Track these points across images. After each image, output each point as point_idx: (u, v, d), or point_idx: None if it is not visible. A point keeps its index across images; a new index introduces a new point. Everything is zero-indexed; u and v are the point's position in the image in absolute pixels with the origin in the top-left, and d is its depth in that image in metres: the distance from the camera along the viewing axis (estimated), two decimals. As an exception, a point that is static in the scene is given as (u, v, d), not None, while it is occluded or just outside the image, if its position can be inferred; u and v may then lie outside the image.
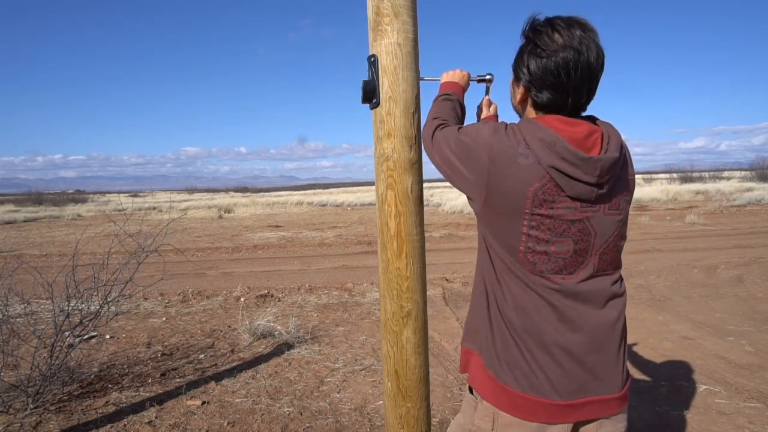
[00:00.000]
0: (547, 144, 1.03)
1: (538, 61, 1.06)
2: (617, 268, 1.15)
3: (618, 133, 1.12)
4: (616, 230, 1.11)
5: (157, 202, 35.86)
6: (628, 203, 1.13)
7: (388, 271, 1.45)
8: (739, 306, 5.16)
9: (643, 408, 3.00)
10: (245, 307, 5.60)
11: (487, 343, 1.18)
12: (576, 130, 1.06)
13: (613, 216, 1.09)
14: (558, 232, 1.06)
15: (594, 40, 1.05)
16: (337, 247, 11.10)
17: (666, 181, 36.70)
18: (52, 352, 3.15)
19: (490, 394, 1.17)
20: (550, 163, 1.02)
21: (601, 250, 1.10)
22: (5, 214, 23.58)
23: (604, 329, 1.11)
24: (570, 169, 1.02)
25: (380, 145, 1.42)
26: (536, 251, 1.07)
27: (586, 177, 1.03)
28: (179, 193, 74.64)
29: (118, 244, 3.52)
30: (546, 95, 1.08)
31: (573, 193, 1.04)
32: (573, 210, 1.05)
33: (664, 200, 22.02)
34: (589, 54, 1.04)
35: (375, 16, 1.37)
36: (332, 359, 3.92)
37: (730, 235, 10.55)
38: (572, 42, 1.04)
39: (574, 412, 1.10)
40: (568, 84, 1.05)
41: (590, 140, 1.06)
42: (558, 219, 1.05)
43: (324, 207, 27.55)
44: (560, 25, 1.05)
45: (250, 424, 2.90)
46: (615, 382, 1.13)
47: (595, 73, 1.07)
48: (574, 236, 1.07)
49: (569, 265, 1.08)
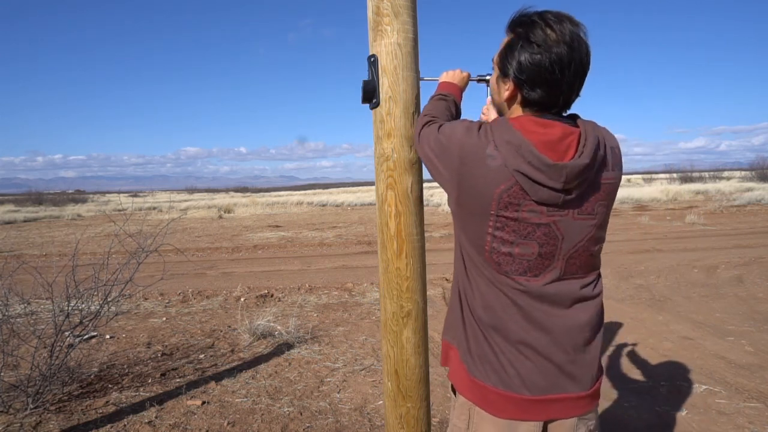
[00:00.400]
0: (514, 147, 1.01)
1: (533, 56, 1.03)
2: (590, 271, 1.14)
3: (600, 133, 1.08)
4: (587, 235, 1.09)
5: (157, 202, 35.86)
6: (604, 207, 1.10)
7: (388, 271, 1.45)
8: (739, 306, 5.16)
9: (643, 408, 3.01)
10: (245, 307, 5.60)
11: (461, 338, 1.20)
12: (549, 133, 1.03)
13: (584, 221, 1.07)
14: (522, 234, 1.05)
15: (583, 35, 1.04)
16: (337, 247, 11.10)
17: (666, 181, 36.70)
18: (52, 352, 3.15)
19: (465, 388, 1.19)
20: (515, 166, 1.01)
21: (569, 254, 1.08)
22: (5, 214, 23.58)
23: (572, 331, 1.10)
24: (535, 174, 1.00)
25: (380, 145, 1.42)
26: (501, 252, 1.07)
27: (551, 183, 1.01)
28: (179, 193, 74.65)
29: (118, 244, 3.52)
30: (539, 92, 1.05)
31: (538, 198, 1.02)
32: (539, 214, 1.04)
33: (664, 200, 22.02)
34: (581, 50, 1.03)
35: (375, 16, 1.37)
36: (332, 359, 3.92)
37: (730, 235, 10.54)
38: (564, 37, 1.01)
39: (544, 409, 1.10)
40: (562, 80, 1.03)
41: (564, 143, 1.03)
42: (523, 222, 1.04)
43: (324, 207, 27.55)
44: (552, 20, 1.03)
45: (250, 424, 2.90)
46: (585, 380, 1.13)
47: (585, 70, 1.06)
48: (539, 239, 1.05)
49: (534, 267, 1.07)
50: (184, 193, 72.98)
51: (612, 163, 1.09)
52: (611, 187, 1.10)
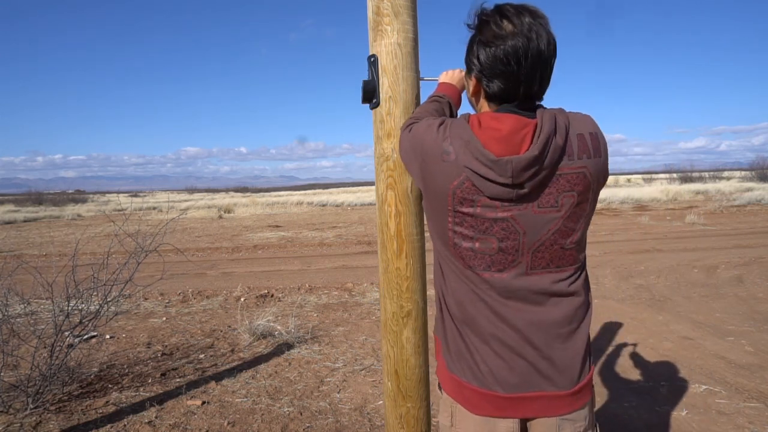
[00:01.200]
0: (464, 143, 1.02)
1: (488, 50, 1.03)
2: (566, 266, 1.09)
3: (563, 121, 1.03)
4: (553, 228, 1.05)
5: (157, 202, 35.87)
6: (572, 197, 1.04)
7: (388, 271, 1.45)
8: (739, 306, 5.16)
9: (643, 408, 3.01)
10: (245, 307, 5.60)
11: (441, 334, 1.21)
12: (501, 126, 1.02)
13: (546, 214, 1.04)
14: (480, 229, 1.05)
15: (544, 26, 1.02)
16: (337, 247, 11.10)
17: (666, 181, 36.70)
18: (52, 352, 3.15)
19: (446, 385, 1.19)
20: (465, 162, 1.02)
21: (534, 248, 1.06)
22: (5, 214, 23.58)
23: (543, 327, 1.08)
24: (482, 169, 1.00)
25: (380, 145, 1.42)
26: (463, 247, 1.08)
27: (499, 178, 1.00)
28: (179, 193, 74.65)
29: (117, 244, 3.52)
30: (497, 84, 1.05)
31: (490, 194, 1.02)
32: (494, 209, 1.03)
33: (664, 200, 22.03)
34: (539, 41, 1.01)
35: (375, 16, 1.37)
36: (332, 359, 3.92)
37: (730, 235, 10.54)
38: (521, 29, 1.00)
39: (519, 407, 1.09)
40: (519, 72, 1.02)
41: (518, 136, 1.01)
42: (479, 217, 1.04)
43: (324, 207, 27.55)
44: (509, 12, 1.02)
45: (250, 424, 2.90)
46: (564, 379, 1.10)
47: (547, 61, 1.03)
48: (498, 234, 1.04)
49: (496, 262, 1.06)
50: (184, 193, 72.97)
51: (578, 151, 1.03)
52: (578, 177, 1.03)
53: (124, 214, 4.42)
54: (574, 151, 1.03)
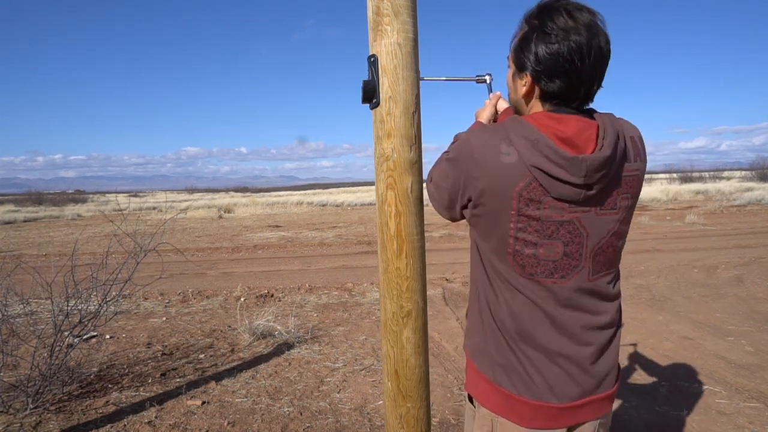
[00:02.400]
0: (530, 142, 0.97)
1: (550, 46, 0.99)
2: (612, 268, 1.11)
3: (620, 124, 1.04)
4: (611, 230, 1.05)
5: (157, 202, 35.87)
6: (627, 200, 1.05)
7: (388, 271, 1.45)
8: (739, 306, 5.16)
9: (643, 408, 3.00)
10: (245, 307, 5.60)
11: (482, 347, 1.16)
12: (565, 127, 0.99)
13: (608, 216, 1.03)
14: (546, 234, 1.01)
15: (602, 24, 1.01)
16: (337, 247, 11.10)
17: (666, 181, 36.70)
18: (51, 352, 3.15)
19: (487, 399, 1.14)
20: (532, 162, 0.97)
21: (595, 251, 1.04)
22: (5, 214, 23.58)
23: (598, 332, 1.08)
24: (554, 169, 0.96)
25: (380, 145, 1.42)
26: (524, 254, 1.03)
27: (571, 178, 0.96)
28: (179, 193, 74.63)
29: (116, 243, 3.52)
30: (558, 83, 1.01)
31: (558, 194, 0.98)
32: (561, 211, 1.00)
33: (664, 200, 22.03)
34: (600, 38, 0.99)
35: (375, 16, 1.37)
36: (332, 359, 3.92)
37: (730, 235, 10.54)
38: (582, 25, 0.98)
39: (572, 415, 1.09)
40: (581, 69, 0.99)
41: (582, 137, 0.99)
42: (545, 220, 1.00)
43: (324, 207, 27.55)
44: (568, 9, 1.00)
45: (250, 424, 2.90)
46: (610, 379, 1.12)
47: (606, 59, 1.01)
48: (564, 238, 1.01)
49: (560, 268, 1.03)
50: (184, 193, 72.96)
51: (633, 155, 1.05)
52: (634, 180, 1.05)
53: (123, 214, 4.41)
54: (631, 154, 1.04)
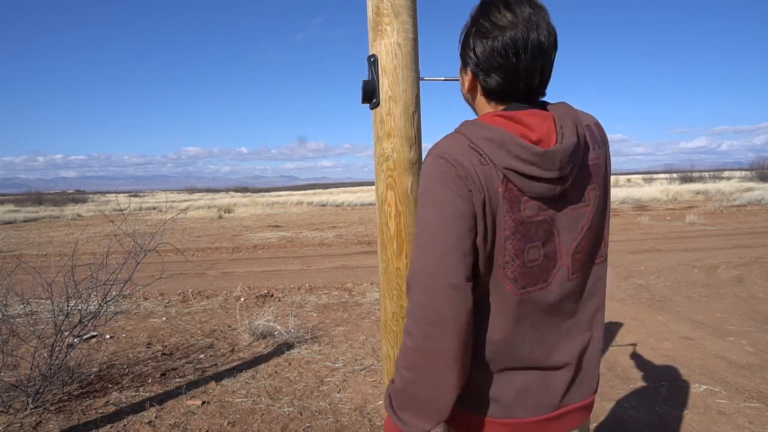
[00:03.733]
0: (497, 143, 0.92)
1: (485, 42, 0.97)
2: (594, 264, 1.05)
3: (575, 113, 0.99)
4: (585, 225, 1.00)
5: (157, 202, 35.89)
6: (595, 190, 1.00)
7: (388, 271, 1.45)
8: (739, 306, 5.16)
9: (643, 408, 3.00)
10: (245, 307, 5.60)
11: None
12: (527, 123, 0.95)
13: (580, 210, 0.99)
14: (529, 237, 0.95)
15: (544, 17, 0.97)
16: (337, 247, 11.10)
17: (666, 181, 36.70)
18: (51, 352, 3.15)
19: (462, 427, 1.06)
20: (504, 164, 0.92)
21: (573, 249, 0.99)
22: (5, 214, 23.59)
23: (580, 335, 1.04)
24: (527, 167, 0.91)
25: (380, 145, 1.42)
26: (515, 264, 0.95)
27: (546, 174, 0.92)
28: (179, 193, 74.62)
29: (116, 243, 3.52)
30: (495, 79, 0.98)
31: (534, 194, 0.93)
32: (537, 210, 0.95)
33: (664, 200, 22.04)
34: (539, 32, 0.95)
35: (375, 16, 1.37)
36: (332, 359, 3.92)
37: (730, 235, 10.54)
38: (520, 20, 0.95)
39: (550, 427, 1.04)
40: (517, 65, 0.95)
41: (543, 130, 0.94)
42: (527, 222, 0.95)
43: (324, 207, 27.56)
44: (507, 3, 0.97)
45: (250, 424, 2.90)
46: (590, 385, 1.07)
47: (548, 53, 0.97)
48: (541, 238, 0.96)
49: (544, 271, 0.98)
50: (184, 193, 72.94)
51: (592, 142, 1.01)
52: (596, 168, 1.01)
53: (123, 214, 4.41)
54: (590, 142, 1.00)
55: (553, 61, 1.00)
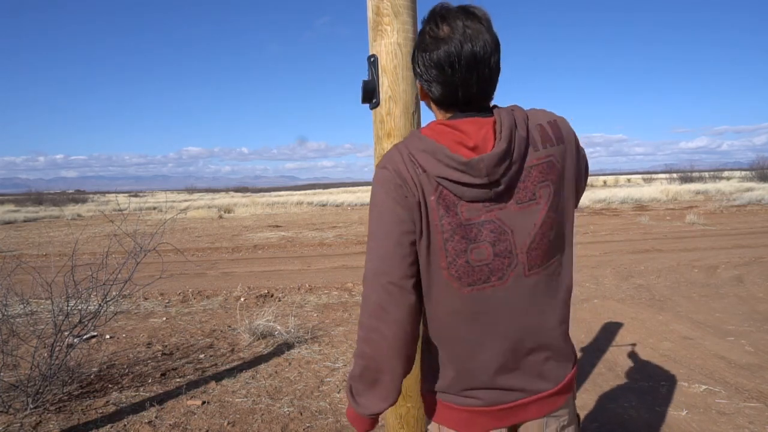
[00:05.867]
0: (429, 154, 0.99)
1: (424, 55, 1.02)
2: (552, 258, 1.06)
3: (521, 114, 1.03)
4: (538, 221, 1.02)
5: (157, 202, 35.89)
6: (548, 187, 1.02)
7: (388, 271, 1.45)
8: (739, 306, 5.16)
9: (643, 408, 3.01)
10: (245, 307, 5.60)
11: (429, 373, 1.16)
12: (462, 131, 1.00)
13: (527, 208, 1.01)
14: (470, 237, 0.99)
15: (480, 28, 1.00)
16: (337, 247, 11.10)
17: (666, 181, 36.70)
18: (51, 352, 3.15)
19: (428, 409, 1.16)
20: (436, 173, 0.98)
21: (527, 246, 1.01)
22: (5, 214, 23.59)
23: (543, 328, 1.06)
24: (456, 175, 0.97)
25: (380, 145, 1.42)
26: (458, 264, 1.00)
27: (475, 180, 0.97)
28: (179, 193, 74.59)
29: (116, 243, 3.52)
30: (436, 89, 1.03)
31: (469, 198, 0.99)
32: (477, 212, 0.99)
33: (664, 200, 22.04)
34: (473, 43, 0.98)
35: (375, 16, 1.38)
36: (332, 359, 3.92)
37: (730, 235, 10.54)
38: (455, 33, 0.98)
39: (514, 414, 1.07)
40: (453, 77, 1.00)
41: (478, 136, 0.99)
42: (466, 224, 0.99)
43: (324, 207, 27.56)
44: (444, 16, 1.01)
45: (250, 424, 2.90)
46: (555, 376, 1.09)
47: (483, 62, 1.00)
48: (489, 238, 1.00)
49: (496, 270, 1.01)
50: (184, 193, 72.92)
51: (542, 141, 1.03)
52: (547, 166, 1.02)
53: (123, 214, 4.41)
54: (537, 141, 1.03)
55: (494, 69, 1.03)
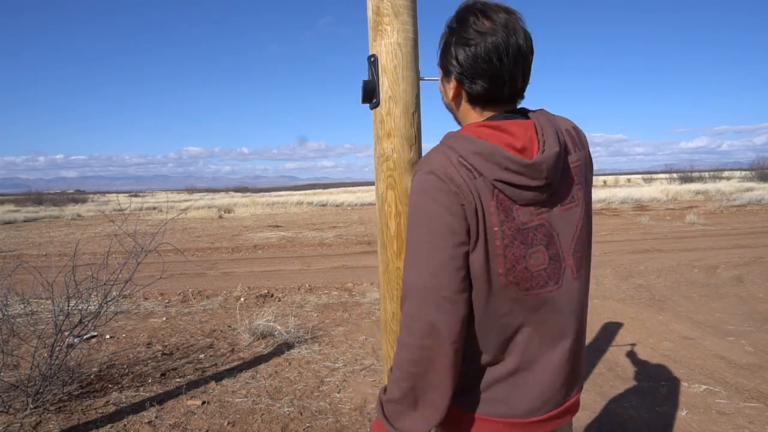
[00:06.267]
0: (484, 157, 0.95)
1: (467, 49, 1.00)
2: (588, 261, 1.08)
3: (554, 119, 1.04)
4: (579, 224, 1.03)
5: (157, 202, 35.91)
6: (580, 190, 1.04)
7: (388, 271, 1.45)
8: (739, 306, 5.16)
9: (643, 408, 3.01)
10: (245, 307, 5.60)
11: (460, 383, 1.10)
12: (512, 133, 0.98)
13: (569, 210, 1.02)
14: (528, 242, 0.98)
15: (519, 22, 1.01)
16: (337, 247, 11.10)
17: (666, 181, 36.71)
18: (52, 352, 3.15)
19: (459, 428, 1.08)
20: (493, 176, 0.94)
21: (572, 249, 1.02)
22: (5, 214, 23.59)
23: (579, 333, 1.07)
24: (515, 178, 0.94)
25: (380, 145, 1.42)
26: (516, 270, 0.98)
27: (533, 182, 0.95)
28: (179, 193, 74.57)
29: (117, 243, 3.52)
30: (480, 84, 1.01)
31: (524, 201, 0.97)
32: (531, 215, 0.98)
33: (664, 200, 22.04)
34: (517, 36, 0.99)
35: (375, 16, 1.38)
36: (332, 359, 3.92)
37: (730, 235, 10.54)
38: (498, 25, 0.99)
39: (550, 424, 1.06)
40: (501, 69, 0.99)
41: (526, 138, 0.98)
42: (523, 229, 0.97)
43: (324, 207, 27.56)
44: (484, 11, 1.01)
45: (250, 424, 2.90)
46: (579, 384, 1.10)
47: (526, 56, 1.01)
48: (542, 242, 0.99)
49: (552, 274, 1.00)
50: (185, 193, 72.90)
51: (572, 145, 1.05)
52: (578, 169, 1.05)
53: (123, 214, 4.41)
54: (569, 145, 1.04)
55: (531, 64, 1.04)
